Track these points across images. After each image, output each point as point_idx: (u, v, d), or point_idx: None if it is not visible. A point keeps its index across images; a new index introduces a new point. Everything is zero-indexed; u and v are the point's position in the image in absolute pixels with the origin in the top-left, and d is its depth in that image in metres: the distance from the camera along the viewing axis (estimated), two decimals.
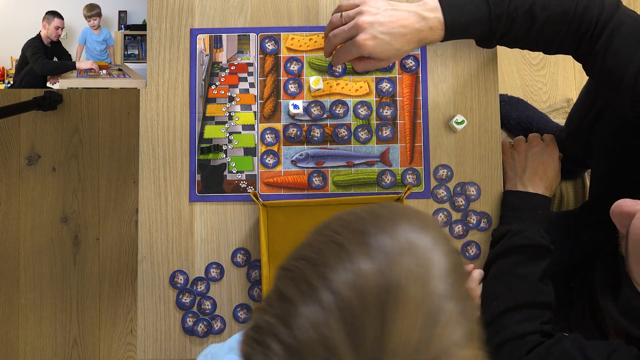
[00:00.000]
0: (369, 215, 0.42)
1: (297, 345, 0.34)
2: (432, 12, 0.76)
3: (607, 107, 0.94)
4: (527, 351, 0.79)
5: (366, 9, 0.77)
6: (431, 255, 0.38)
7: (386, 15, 0.76)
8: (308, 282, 0.36)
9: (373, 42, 0.76)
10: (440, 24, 0.76)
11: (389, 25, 0.75)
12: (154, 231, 0.95)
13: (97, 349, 1.61)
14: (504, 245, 0.88)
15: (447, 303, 0.36)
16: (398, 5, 0.77)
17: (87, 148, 1.63)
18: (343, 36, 0.78)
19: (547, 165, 0.94)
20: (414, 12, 0.76)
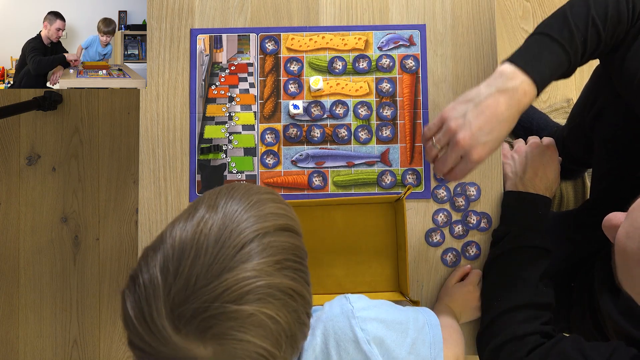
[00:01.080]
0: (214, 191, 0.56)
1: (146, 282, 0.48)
2: (516, 79, 0.72)
3: (609, 103, 0.94)
4: (527, 352, 0.79)
5: (453, 124, 0.72)
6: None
7: (478, 116, 0.71)
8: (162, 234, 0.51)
9: (486, 149, 0.72)
10: (531, 86, 0.72)
11: (488, 124, 0.71)
12: (154, 231, 0.95)
13: (97, 349, 1.61)
14: (504, 246, 0.88)
15: None
16: (479, 97, 0.72)
17: (87, 148, 1.63)
18: (452, 161, 0.74)
19: (547, 166, 0.94)
20: (499, 92, 0.72)
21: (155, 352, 0.47)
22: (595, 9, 0.74)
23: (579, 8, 0.75)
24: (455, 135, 0.72)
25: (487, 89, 0.72)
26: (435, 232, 0.94)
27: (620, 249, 0.55)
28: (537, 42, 0.75)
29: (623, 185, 0.92)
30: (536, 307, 0.84)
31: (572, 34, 0.74)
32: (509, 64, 0.73)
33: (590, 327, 0.91)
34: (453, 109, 0.74)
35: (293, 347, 0.53)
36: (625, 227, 0.55)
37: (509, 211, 0.92)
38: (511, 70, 0.72)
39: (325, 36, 0.97)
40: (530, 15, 1.65)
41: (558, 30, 0.74)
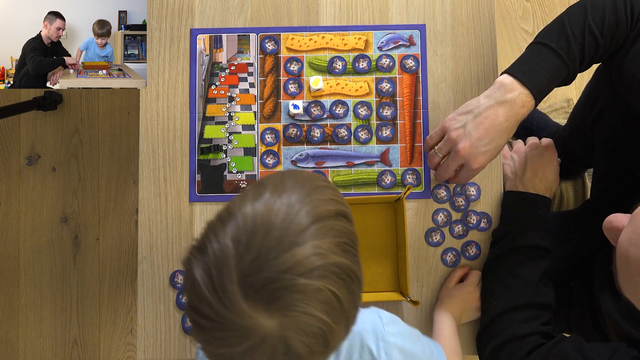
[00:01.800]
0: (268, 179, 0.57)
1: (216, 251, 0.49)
2: (514, 91, 0.74)
3: (610, 104, 0.94)
4: (527, 352, 0.79)
5: (454, 134, 0.75)
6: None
7: (477, 127, 0.74)
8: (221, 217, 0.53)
9: (485, 158, 0.76)
10: (529, 97, 0.74)
11: (487, 135, 0.74)
12: (154, 231, 0.95)
13: (97, 349, 1.61)
14: (504, 246, 0.88)
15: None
16: (476, 107, 0.75)
17: (87, 148, 1.64)
18: (453, 169, 0.78)
19: (547, 167, 0.94)
20: (498, 103, 0.74)
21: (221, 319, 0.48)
22: (592, 16, 0.75)
23: (576, 16, 0.76)
24: (456, 145, 0.75)
25: (487, 101, 0.75)
26: (435, 232, 0.94)
27: (623, 255, 0.55)
28: (535, 52, 0.76)
29: (623, 185, 0.92)
30: (536, 307, 0.84)
31: (569, 43, 0.75)
32: (508, 75, 0.75)
33: (590, 327, 0.91)
34: (454, 120, 0.76)
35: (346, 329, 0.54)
36: (628, 232, 0.55)
37: (509, 211, 0.92)
38: (509, 82, 0.74)
39: (325, 36, 0.97)
40: (530, 15, 1.65)
41: (556, 40, 0.75)
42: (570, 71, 0.76)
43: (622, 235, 0.55)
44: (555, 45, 0.75)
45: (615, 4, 0.75)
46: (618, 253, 0.56)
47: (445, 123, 0.78)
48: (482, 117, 0.74)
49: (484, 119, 0.74)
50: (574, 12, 0.77)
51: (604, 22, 0.74)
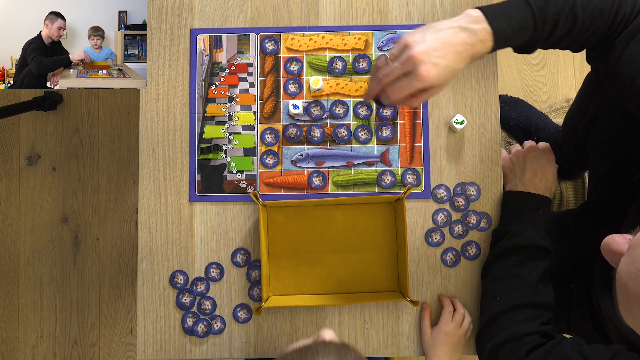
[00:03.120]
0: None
1: None
2: (479, 24, 0.73)
3: (601, 111, 0.94)
4: (527, 352, 0.79)
5: (412, 40, 0.72)
6: None
7: (436, 38, 0.72)
8: None
9: (436, 70, 0.71)
10: (489, 35, 0.73)
11: (444, 48, 0.71)
12: (154, 231, 0.95)
13: (97, 349, 1.61)
14: (503, 246, 0.88)
15: None
16: (440, 25, 0.73)
17: (87, 148, 1.64)
18: (396, 73, 0.73)
19: (546, 168, 0.94)
20: (460, 28, 0.73)
21: None
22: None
23: None
24: (410, 49, 0.72)
25: (450, 22, 0.73)
26: (435, 232, 0.94)
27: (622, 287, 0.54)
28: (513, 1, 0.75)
29: (620, 187, 0.92)
30: (535, 307, 0.84)
31: (546, 5, 0.73)
32: (478, 9, 0.74)
33: (590, 328, 0.91)
34: (413, 32, 0.74)
35: None
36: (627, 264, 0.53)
37: (509, 211, 0.92)
38: (477, 15, 0.73)
39: (325, 36, 0.97)
40: None
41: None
42: (537, 33, 0.75)
43: (621, 266, 0.54)
44: (533, 1, 0.74)
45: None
46: (617, 283, 0.55)
47: (405, 35, 0.74)
48: (442, 32, 0.72)
49: (443, 34, 0.72)
50: None
51: (589, 4, 0.73)
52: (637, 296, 0.51)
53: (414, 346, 0.93)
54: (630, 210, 0.82)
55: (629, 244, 0.54)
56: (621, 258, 0.55)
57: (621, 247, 0.55)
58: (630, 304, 0.53)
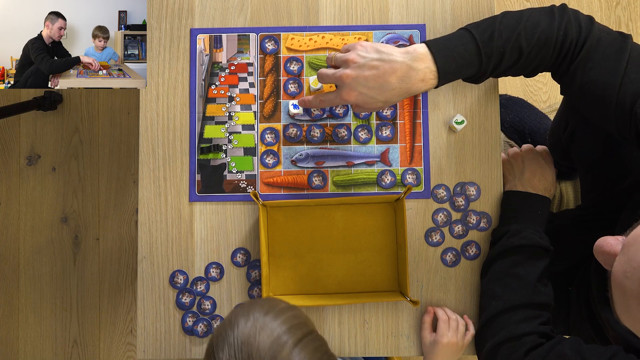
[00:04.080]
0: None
1: None
2: (422, 62, 0.73)
3: (579, 127, 0.95)
4: (525, 352, 0.79)
5: (353, 57, 0.75)
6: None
7: (372, 67, 0.74)
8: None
9: (358, 97, 0.75)
10: (433, 74, 0.74)
11: (374, 81, 0.74)
12: (154, 231, 0.95)
13: (97, 349, 1.61)
14: (503, 246, 0.88)
15: None
16: (387, 54, 0.74)
17: (87, 148, 1.64)
18: (329, 81, 0.78)
19: (544, 169, 0.95)
20: (402, 64, 0.73)
21: None
22: (525, 25, 0.74)
23: (510, 19, 0.76)
24: (347, 67, 0.75)
25: (399, 56, 0.74)
26: (435, 232, 0.94)
27: (618, 288, 0.53)
28: (458, 36, 0.76)
29: (610, 196, 0.92)
30: (534, 307, 0.84)
31: (491, 39, 0.74)
32: (425, 46, 0.75)
33: (589, 331, 0.91)
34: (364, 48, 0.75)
35: None
36: (622, 264, 0.53)
37: (509, 210, 0.92)
38: (424, 52, 0.74)
39: (325, 36, 0.97)
40: None
41: (481, 31, 0.75)
42: (483, 68, 0.76)
43: (616, 265, 0.54)
44: (478, 36, 0.75)
45: (551, 22, 0.74)
46: (613, 283, 0.54)
47: (357, 44, 0.77)
48: (384, 64, 0.73)
49: (383, 66, 0.73)
50: (510, 15, 0.76)
51: (534, 34, 0.74)
52: (635, 295, 0.51)
53: (414, 346, 0.93)
54: (622, 217, 0.82)
55: (623, 243, 0.54)
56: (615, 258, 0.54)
57: (614, 248, 0.55)
58: (628, 303, 0.53)
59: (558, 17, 0.75)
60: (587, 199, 1.07)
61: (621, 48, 0.72)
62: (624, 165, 0.88)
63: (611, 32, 0.75)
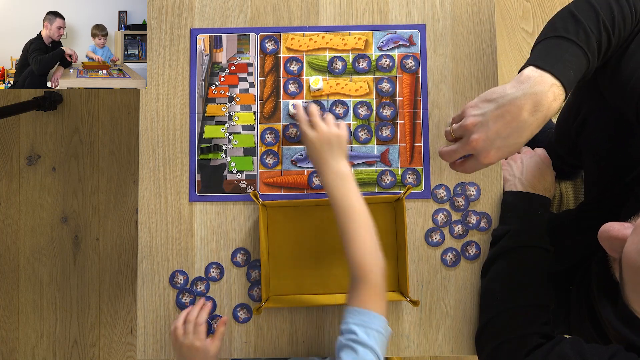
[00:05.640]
0: None
1: None
2: (544, 84, 0.67)
3: (592, 114, 0.94)
4: (526, 352, 0.79)
5: (471, 120, 0.69)
6: None
7: (497, 117, 0.67)
8: None
9: (498, 154, 0.69)
10: (560, 89, 0.68)
11: (506, 129, 0.67)
12: (154, 231, 0.95)
13: (97, 349, 1.61)
14: (503, 246, 0.88)
15: None
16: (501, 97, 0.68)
17: (87, 148, 1.64)
18: (459, 156, 0.72)
19: (544, 170, 0.95)
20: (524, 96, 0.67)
21: None
22: (603, 13, 0.72)
23: (587, 12, 0.73)
24: (471, 134, 0.69)
25: (513, 91, 0.68)
26: (435, 232, 0.94)
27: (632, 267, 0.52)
28: (556, 45, 0.72)
29: (614, 190, 0.92)
30: (535, 307, 0.84)
31: (588, 36, 0.71)
32: (534, 67, 0.69)
33: (590, 331, 0.91)
34: (475, 107, 0.70)
35: None
36: (636, 242, 0.52)
37: (509, 211, 0.92)
38: (538, 74, 0.68)
39: (325, 36, 0.97)
40: (530, 15, 1.66)
41: (574, 33, 0.72)
42: (591, 65, 0.73)
43: (628, 245, 0.53)
44: (575, 38, 0.71)
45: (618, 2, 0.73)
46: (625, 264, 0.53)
47: (466, 108, 0.72)
48: (505, 109, 0.67)
49: (506, 111, 0.67)
50: (583, 7, 0.74)
51: (613, 19, 0.73)
52: None
53: (414, 346, 0.93)
54: (625, 209, 0.82)
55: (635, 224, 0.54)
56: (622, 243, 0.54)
57: (622, 232, 0.54)
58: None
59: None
60: (590, 194, 1.06)
61: None
62: (631, 157, 0.87)
63: None
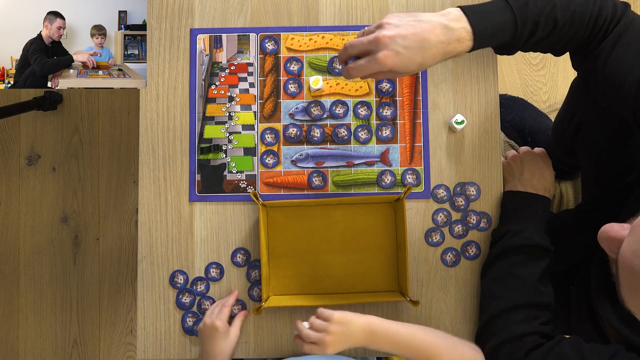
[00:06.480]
0: None
1: None
2: (458, 22, 0.72)
3: (586, 117, 0.94)
4: (526, 352, 0.79)
5: (387, 21, 0.72)
6: None
7: (409, 27, 0.71)
8: None
9: (395, 59, 0.71)
10: (469, 34, 0.72)
11: (412, 38, 0.71)
12: (154, 231, 0.95)
13: (97, 349, 1.61)
14: (503, 246, 0.88)
15: None
16: (421, 16, 0.73)
17: (87, 148, 1.64)
18: (361, 48, 0.73)
19: (543, 170, 0.95)
20: (438, 23, 0.72)
21: None
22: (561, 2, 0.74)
23: None
24: (381, 30, 0.72)
25: (434, 17, 0.73)
26: (435, 232, 0.94)
27: (626, 267, 0.53)
28: (494, 3, 0.76)
29: (612, 191, 0.92)
30: (535, 307, 0.84)
31: (527, 5, 0.74)
32: (459, 9, 0.74)
33: (590, 331, 0.91)
34: (398, 14, 0.74)
35: None
36: (631, 244, 0.53)
37: (509, 210, 0.92)
38: (459, 14, 0.73)
39: (325, 36, 0.97)
40: None
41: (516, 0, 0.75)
42: (517, 34, 0.75)
43: (624, 246, 0.54)
44: (513, 3, 0.74)
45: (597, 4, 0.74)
46: (621, 265, 0.54)
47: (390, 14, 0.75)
48: (420, 23, 0.72)
49: (420, 25, 0.71)
50: None
51: (570, 6, 0.74)
52: None
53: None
54: (625, 209, 0.82)
55: (632, 225, 0.55)
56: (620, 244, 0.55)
57: (620, 233, 0.55)
58: (636, 283, 0.53)
59: None
60: (589, 195, 1.06)
61: None
62: (629, 158, 0.88)
63: None
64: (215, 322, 0.88)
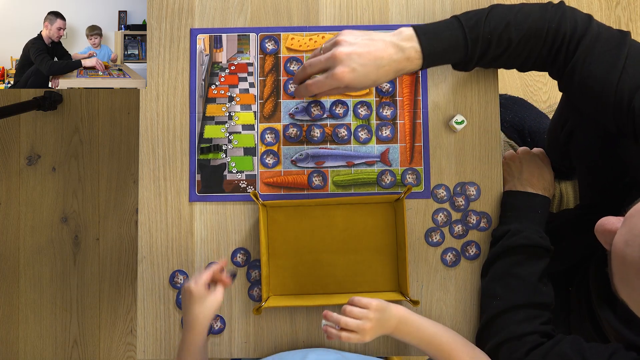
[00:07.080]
0: None
1: None
2: (409, 42, 0.76)
3: (577, 125, 0.95)
4: (526, 352, 0.79)
5: (342, 39, 0.76)
6: None
7: (363, 45, 0.75)
8: None
9: (351, 75, 0.75)
10: (418, 54, 0.76)
11: (367, 56, 0.75)
12: (154, 231, 0.95)
13: (97, 349, 1.61)
14: (503, 245, 0.88)
15: None
16: (374, 35, 0.77)
17: (87, 148, 1.64)
18: (319, 66, 0.78)
19: (543, 170, 0.95)
20: (390, 43, 0.76)
21: None
22: (516, 16, 0.76)
23: (501, 9, 0.78)
24: (337, 47, 0.76)
25: (384, 36, 0.77)
26: (435, 232, 0.94)
27: (618, 257, 0.54)
28: (446, 22, 0.78)
29: (609, 193, 0.92)
30: (535, 307, 0.84)
31: (478, 25, 0.76)
32: (411, 29, 0.77)
33: (590, 330, 0.91)
34: (352, 32, 0.77)
35: None
36: (623, 234, 0.54)
37: (508, 210, 0.92)
38: (409, 34, 0.76)
39: (325, 36, 0.97)
40: None
41: (468, 18, 0.77)
42: (469, 53, 0.77)
43: (617, 236, 0.55)
44: (465, 21, 0.77)
45: (543, 15, 0.76)
46: (613, 254, 0.55)
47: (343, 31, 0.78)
48: (374, 42, 0.75)
49: (373, 44, 0.75)
50: (502, 6, 0.78)
51: (524, 25, 0.75)
52: (635, 261, 0.52)
53: (414, 347, 0.93)
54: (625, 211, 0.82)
55: (625, 216, 0.56)
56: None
57: (616, 225, 0.57)
58: (628, 272, 0.53)
59: (551, 10, 0.76)
60: (586, 197, 1.07)
61: (620, 43, 0.73)
62: (622, 163, 0.88)
63: (610, 29, 0.76)
64: (190, 286, 0.79)
